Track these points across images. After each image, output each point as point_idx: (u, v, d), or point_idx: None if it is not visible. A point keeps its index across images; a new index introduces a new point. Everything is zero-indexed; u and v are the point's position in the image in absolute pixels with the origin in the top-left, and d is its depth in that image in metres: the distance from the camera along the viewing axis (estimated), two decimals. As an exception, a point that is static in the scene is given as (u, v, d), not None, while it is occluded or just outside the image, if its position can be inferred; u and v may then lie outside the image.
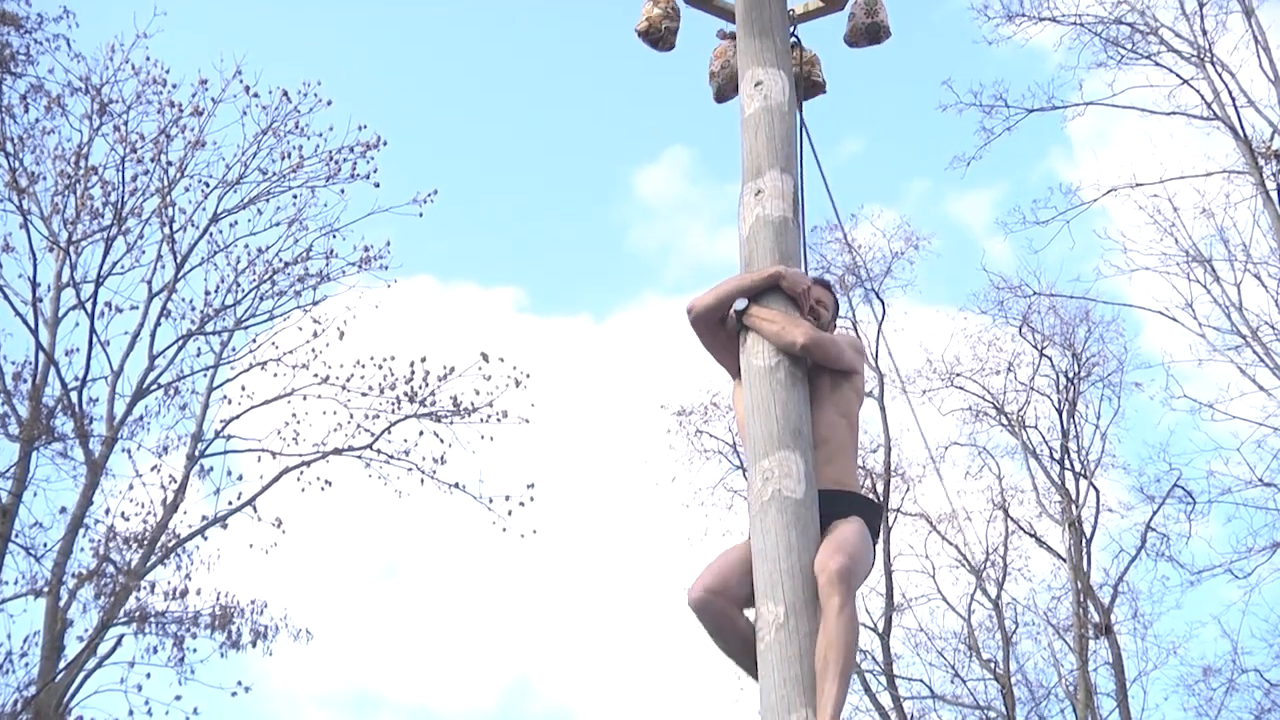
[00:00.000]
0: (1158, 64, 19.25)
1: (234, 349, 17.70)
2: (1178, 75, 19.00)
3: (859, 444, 5.37)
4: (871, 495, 5.11)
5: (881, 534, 21.29)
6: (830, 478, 4.95)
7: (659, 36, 6.21)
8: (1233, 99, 18.21)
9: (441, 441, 17.20)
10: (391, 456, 17.15)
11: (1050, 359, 23.07)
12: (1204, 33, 18.60)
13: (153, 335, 16.97)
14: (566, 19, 42.00)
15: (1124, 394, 22.63)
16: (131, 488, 16.25)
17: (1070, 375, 22.92)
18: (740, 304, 5.12)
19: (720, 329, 5.25)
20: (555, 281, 42.22)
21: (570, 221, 41.89)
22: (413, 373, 17.30)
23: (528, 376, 17.47)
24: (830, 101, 6.18)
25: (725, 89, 6.21)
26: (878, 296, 22.75)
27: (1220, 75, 18.41)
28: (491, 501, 16.87)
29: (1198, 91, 18.75)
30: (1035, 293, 21.94)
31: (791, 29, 6.08)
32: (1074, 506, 21.80)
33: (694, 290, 5.42)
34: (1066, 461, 22.46)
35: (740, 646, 4.73)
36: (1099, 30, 19.55)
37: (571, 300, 43.96)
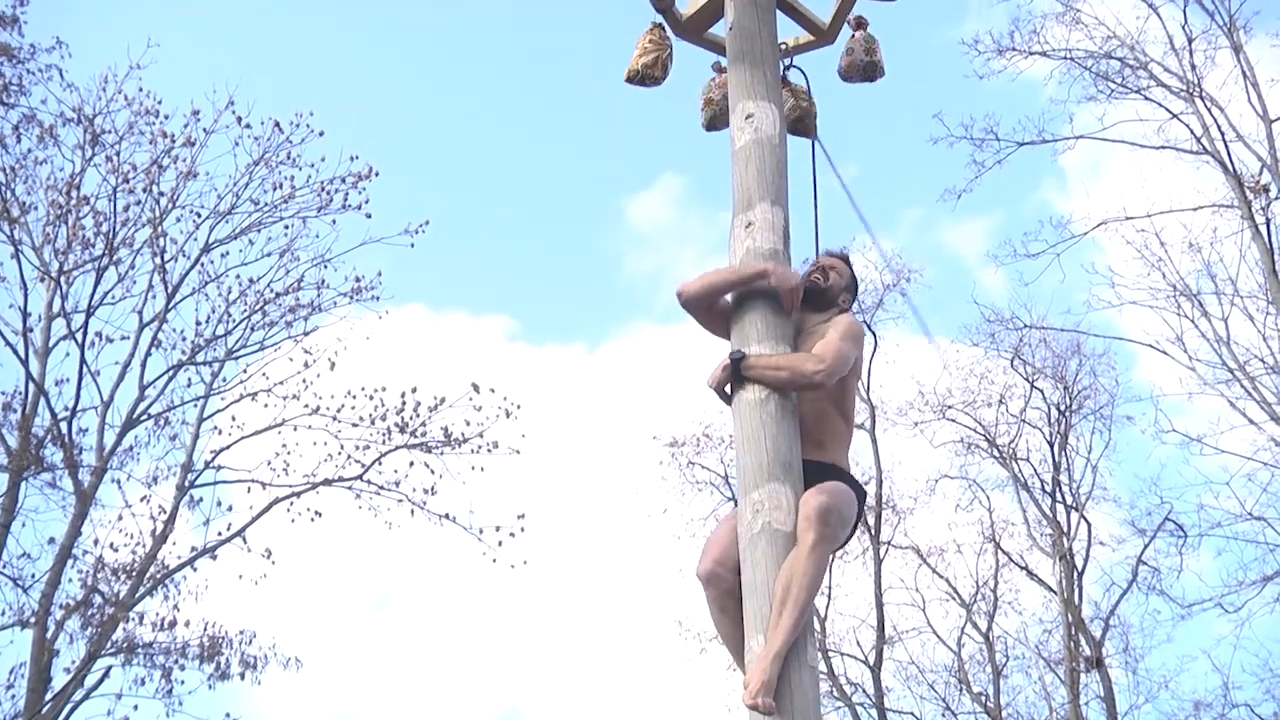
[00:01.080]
0: (1147, 98, 19.41)
1: (224, 379, 17.71)
2: (1167, 110, 19.15)
3: (852, 426, 5.36)
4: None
5: (872, 566, 21.43)
6: (822, 458, 5.01)
7: (642, 77, 6.26)
8: (1221, 134, 18.34)
9: (432, 472, 17.19)
10: (382, 487, 17.13)
11: (1042, 392, 23.13)
12: (1193, 68, 18.74)
13: (143, 365, 16.97)
14: (558, 47, 42.20)
15: (1115, 427, 22.71)
16: (120, 518, 16.22)
17: (1062, 408, 22.97)
18: (735, 354, 4.99)
19: (711, 311, 5.24)
20: (547, 310, 42.30)
21: (562, 250, 41.99)
22: (403, 403, 17.29)
23: (518, 407, 17.48)
24: (824, 129, 6.21)
25: (718, 119, 6.23)
26: (869, 329, 22.79)
27: (1209, 110, 18.55)
28: (482, 532, 16.85)
29: (1187, 126, 18.90)
30: (1027, 325, 22.04)
31: (786, 62, 6.11)
32: (1065, 539, 21.79)
33: (688, 321, 5.36)
34: (1058, 494, 22.48)
35: (739, 630, 4.68)
36: (1089, 65, 19.69)
37: (564, 329, 44.04)
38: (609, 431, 35.24)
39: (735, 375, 4.98)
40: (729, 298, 5.21)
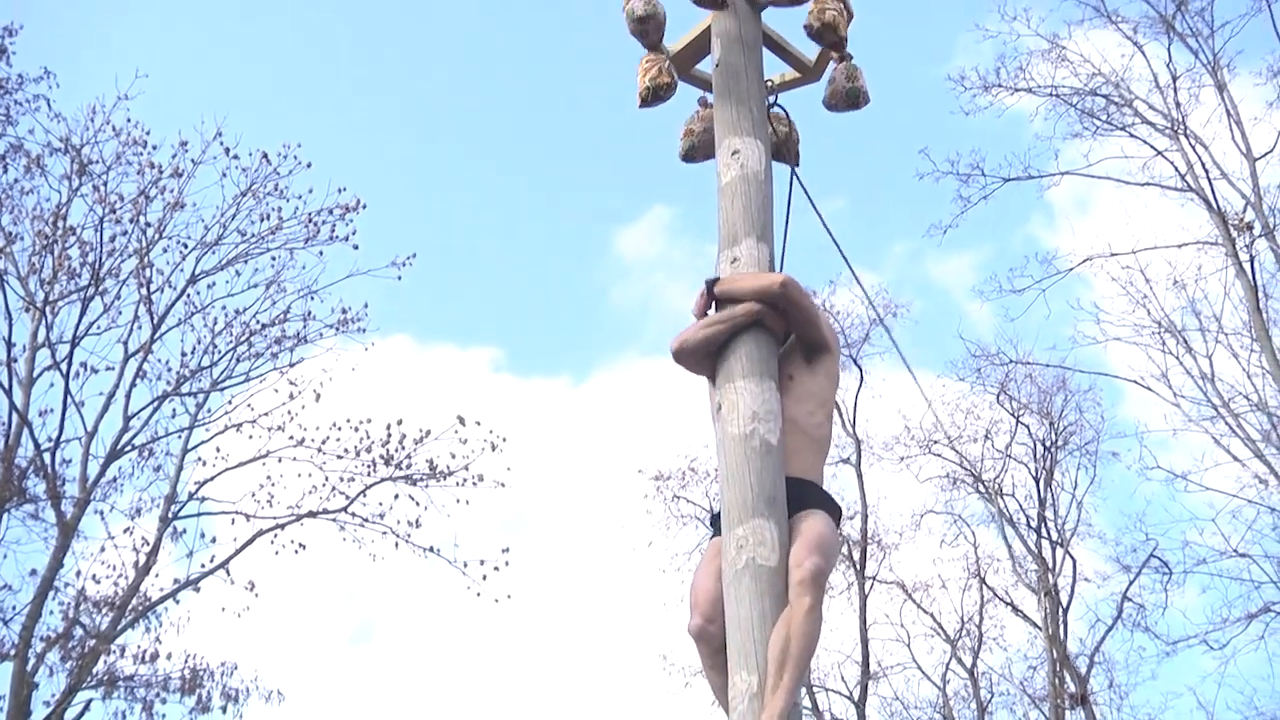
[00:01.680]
0: (1132, 135, 19.56)
1: (209, 410, 17.69)
2: (1152, 147, 19.28)
3: (831, 436, 5.38)
4: (835, 498, 5.21)
5: (857, 601, 21.39)
6: (798, 468, 5.00)
7: (653, 91, 6.22)
8: (1206, 171, 18.46)
9: (417, 505, 17.17)
10: (366, 520, 17.10)
11: (1028, 427, 23.18)
12: (1177, 105, 18.88)
13: (128, 396, 16.94)
14: (547, 79, 42.34)
15: (1101, 463, 22.76)
16: (103, 550, 16.16)
17: (1047, 444, 23.02)
18: (710, 279, 5.21)
19: (708, 361, 5.24)
20: (534, 342, 42.38)
21: (550, 281, 42.09)
22: (389, 435, 17.27)
23: (504, 440, 17.48)
24: (812, 162, 6.24)
25: (695, 151, 6.25)
26: (855, 364, 22.82)
27: (1193, 147, 18.69)
28: (466, 566, 16.83)
29: (1171, 163, 19.04)
30: (1013, 360, 22.11)
31: (771, 98, 6.14)
32: (1050, 575, 21.79)
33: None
34: (1043, 530, 22.51)
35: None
36: (1075, 102, 19.85)
37: (550, 361, 44.09)
38: (594, 464, 35.26)
39: (713, 299, 5.22)
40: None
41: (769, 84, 6.11)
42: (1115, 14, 19.49)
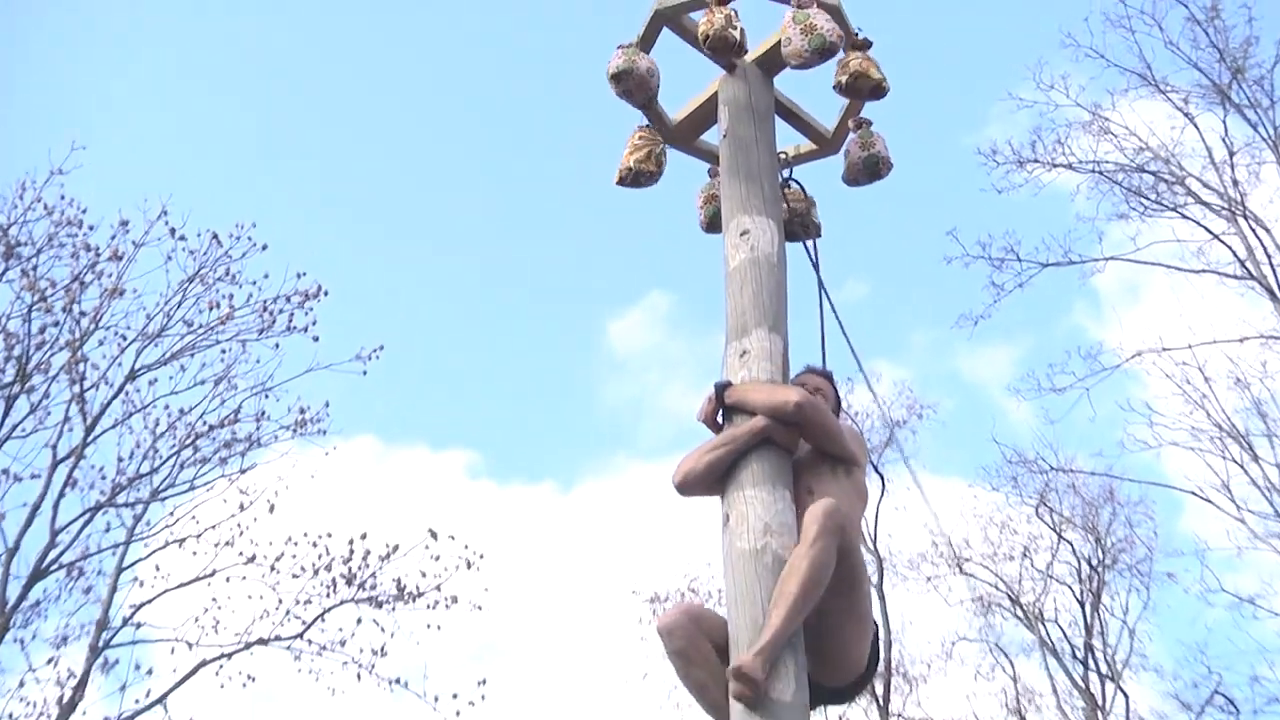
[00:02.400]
0: (1185, 216, 19.59)
1: (148, 523, 17.55)
2: (1207, 229, 19.32)
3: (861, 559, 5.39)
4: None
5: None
6: None
7: (634, 175, 6.28)
8: (1268, 256, 18.47)
9: (382, 630, 17.05)
10: (325, 647, 16.96)
11: (1071, 544, 23.10)
12: (1235, 184, 18.95)
13: (55, 507, 16.80)
14: (529, 150, 42.67)
15: (1155, 585, 22.69)
16: (23, 685, 15.97)
17: (1094, 563, 22.94)
18: (720, 383, 5.26)
19: (715, 486, 5.25)
20: (515, 444, 42.27)
21: (533, 377, 42.16)
22: (351, 552, 17.20)
23: (481, 557, 17.42)
24: (829, 242, 6.28)
25: (719, 220, 6.31)
26: (876, 471, 22.72)
27: (1254, 230, 18.71)
28: (438, 701, 16.68)
29: (1229, 248, 19.05)
30: (1053, 468, 22.07)
31: (785, 174, 6.18)
32: (1100, 713, 21.61)
33: (671, 455, 5.42)
34: (1091, 661, 22.36)
35: (710, 677, 4.88)
36: (1120, 179, 19.93)
37: (533, 466, 44.01)
38: (583, 583, 35.05)
39: (722, 406, 5.26)
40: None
41: (782, 156, 6.16)
42: (1164, 82, 19.71)
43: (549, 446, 42.22)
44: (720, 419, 5.29)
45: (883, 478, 24.15)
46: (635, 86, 6.11)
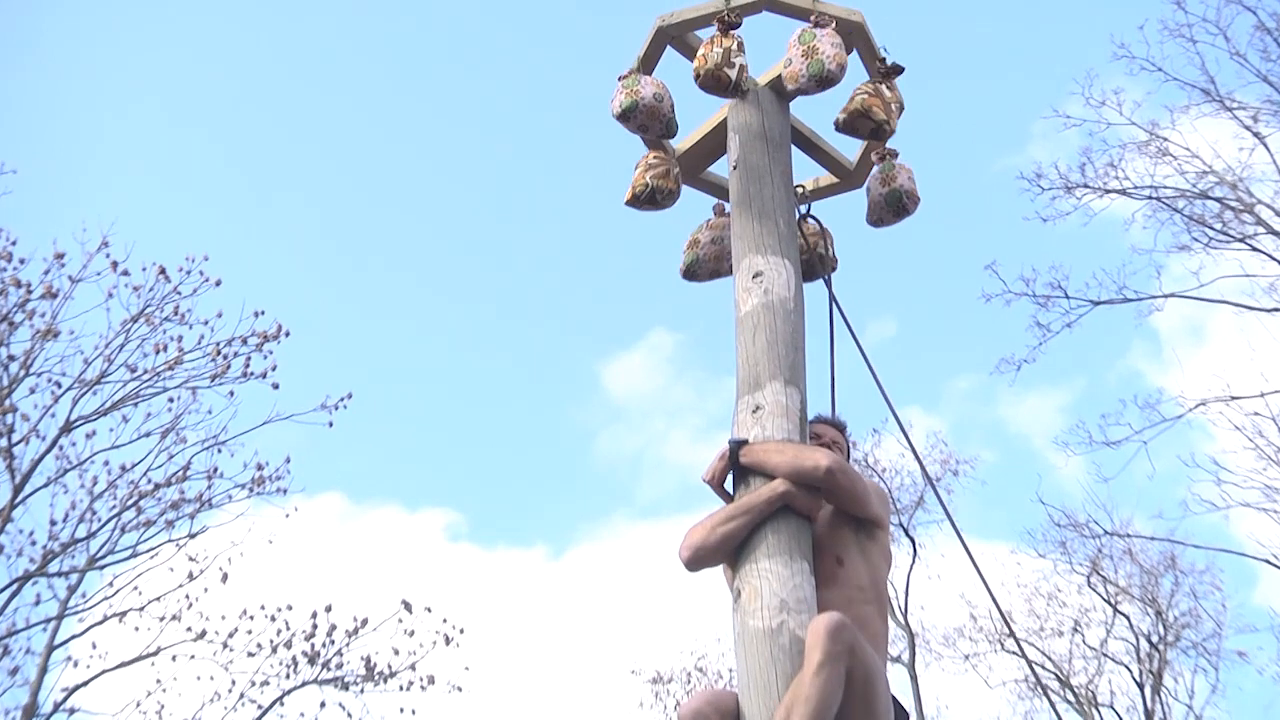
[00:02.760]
0: (1255, 248, 19.56)
1: (84, 595, 17.56)
2: (1280, 262, 19.30)
3: (887, 631, 5.41)
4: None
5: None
6: None
7: (650, 192, 6.25)
8: (1350, 294, 18.48)
9: (349, 715, 17.03)
10: (284, 735, 16.95)
11: (1128, 618, 23.08)
12: (1312, 212, 18.95)
13: (-21, 577, 16.85)
14: (518, 176, 42.75)
15: (1224, 664, 22.60)
16: (-58, 778, 15.97)
17: (1154, 639, 22.89)
18: (734, 441, 5.26)
19: (729, 559, 5.29)
20: (500, 503, 42.24)
21: (521, 427, 42.08)
22: (314, 627, 17.20)
23: (461, 631, 17.41)
24: (855, 279, 6.32)
25: (698, 266, 6.34)
26: (907, 534, 22.81)
27: (1333, 264, 18.70)
28: (413, 797, 16.68)
29: (1305, 284, 19.03)
30: (1107, 532, 22.03)
31: (803, 208, 6.22)
32: (1162, 809, 21.58)
33: (675, 514, 5.44)
34: (1151, 750, 22.30)
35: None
36: (1180, 206, 19.90)
37: (521, 527, 43.92)
38: (576, 661, 34.96)
39: (735, 467, 5.25)
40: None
41: (799, 190, 6.20)
42: (1229, 98, 19.74)
43: (538, 505, 42.24)
44: (731, 480, 5.30)
45: (914, 542, 24.05)
46: (647, 118, 6.06)
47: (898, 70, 6.10)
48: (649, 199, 6.25)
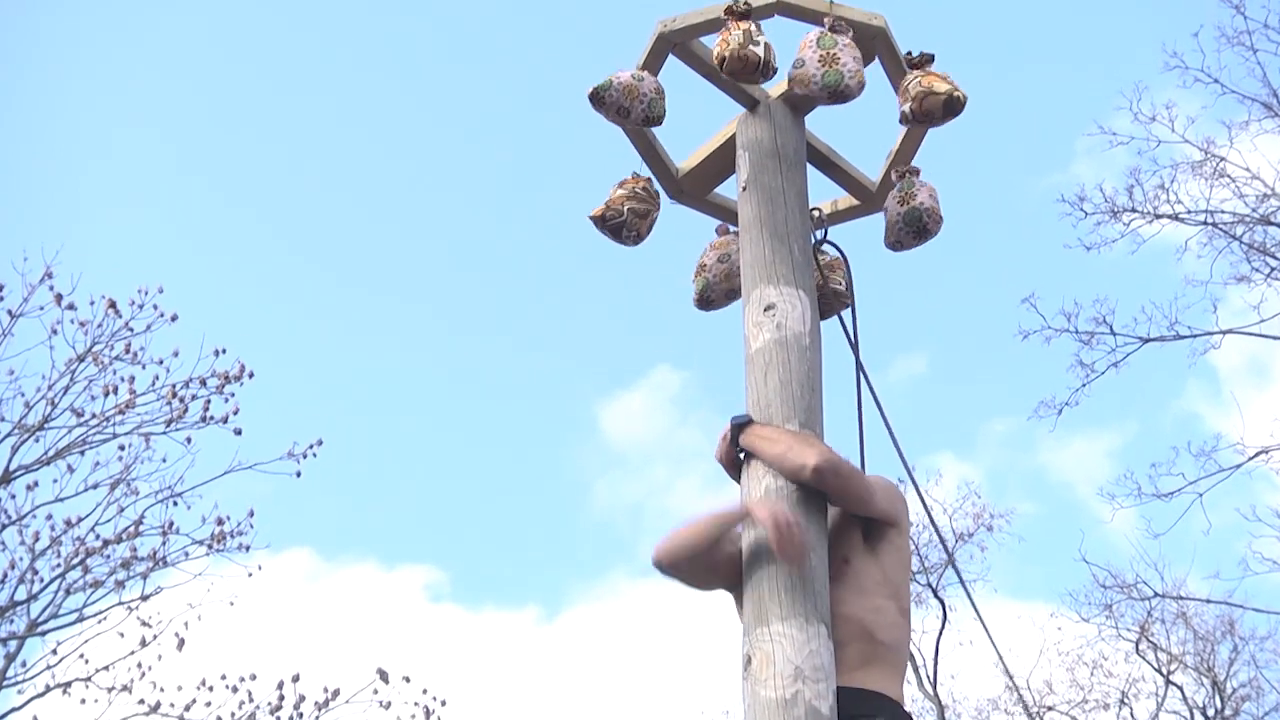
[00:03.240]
0: (1322, 281, 19.56)
1: (24, 664, 17.50)
2: (1351, 297, 19.30)
3: (909, 638, 5.37)
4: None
5: None
6: (864, 682, 5.02)
7: (620, 221, 6.25)
8: None
9: (320, 801, 17.01)
10: (246, 823, 16.94)
11: (1181, 689, 23.06)
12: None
13: (-93, 644, 16.84)
14: (506, 195, 42.82)
15: (1291, 741, 22.54)
16: None
17: (1211, 713, 22.85)
18: (738, 418, 5.33)
19: (715, 574, 5.32)
20: (487, 560, 42.16)
21: (511, 476, 42.05)
22: (281, 698, 17.18)
23: (443, 704, 17.39)
24: (878, 312, 6.29)
25: (714, 290, 6.33)
26: (936, 596, 22.79)
27: None
28: None
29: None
30: (1158, 594, 21.97)
31: (819, 233, 6.20)
32: None
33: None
34: (1211, 837, 22.25)
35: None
36: (1239, 233, 19.87)
37: (510, 585, 43.83)
38: (574, 734, 34.91)
39: (738, 447, 5.32)
40: (740, 529, 5.26)
41: (815, 214, 6.19)
42: (1294, 112, 19.73)
43: (529, 562, 42.16)
44: (741, 460, 5.33)
45: (944, 605, 24.20)
46: (625, 97, 5.94)
47: (928, 59, 6.05)
48: (615, 229, 6.25)
